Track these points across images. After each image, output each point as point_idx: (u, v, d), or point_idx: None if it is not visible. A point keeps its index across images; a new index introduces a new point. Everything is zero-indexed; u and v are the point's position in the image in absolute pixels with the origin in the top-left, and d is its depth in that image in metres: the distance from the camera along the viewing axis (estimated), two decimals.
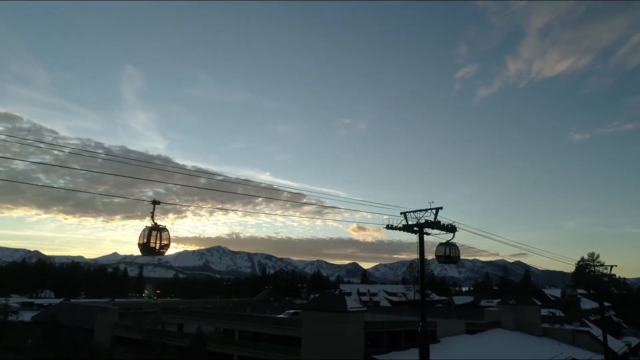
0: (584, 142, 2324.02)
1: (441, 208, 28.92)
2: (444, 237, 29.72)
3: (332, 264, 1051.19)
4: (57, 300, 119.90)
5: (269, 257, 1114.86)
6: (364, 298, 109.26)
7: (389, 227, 30.04)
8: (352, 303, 34.44)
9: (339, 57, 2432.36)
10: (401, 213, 30.28)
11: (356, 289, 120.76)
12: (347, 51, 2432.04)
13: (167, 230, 16.68)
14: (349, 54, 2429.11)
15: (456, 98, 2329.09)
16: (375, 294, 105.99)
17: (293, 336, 37.03)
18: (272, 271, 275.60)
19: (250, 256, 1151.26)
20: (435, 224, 28.82)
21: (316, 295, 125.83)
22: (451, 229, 29.72)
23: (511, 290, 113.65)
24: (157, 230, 16.45)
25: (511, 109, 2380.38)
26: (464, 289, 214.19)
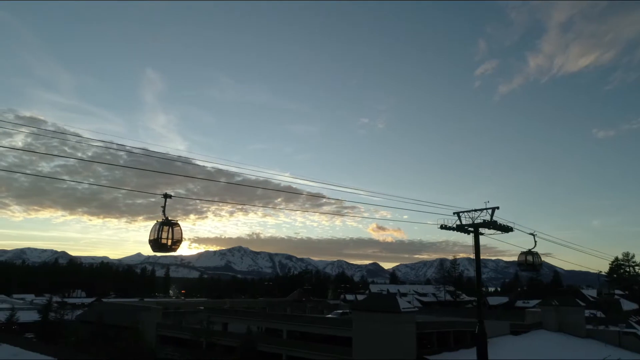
0: (609, 138, 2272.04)
1: (497, 208, 28.85)
2: (498, 237, 29.71)
3: (352, 264, 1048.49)
4: (89, 300, 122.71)
5: (289, 257, 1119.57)
6: None
7: (443, 227, 30.10)
8: (404, 303, 34.52)
9: (357, 56, 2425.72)
10: (454, 213, 30.29)
11: (386, 289, 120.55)
12: (365, 50, 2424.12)
13: (179, 226, 15.87)
14: (366, 53, 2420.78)
15: (476, 95, 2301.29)
16: (405, 294, 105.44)
17: (343, 336, 37.25)
18: (293, 272, 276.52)
19: (271, 256, 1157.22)
20: (492, 224, 28.73)
21: (345, 295, 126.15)
22: (508, 229, 29.61)
23: (542, 291, 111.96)
24: (168, 225, 15.62)
25: (533, 105, 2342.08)
26: (490, 289, 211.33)
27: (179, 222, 16.17)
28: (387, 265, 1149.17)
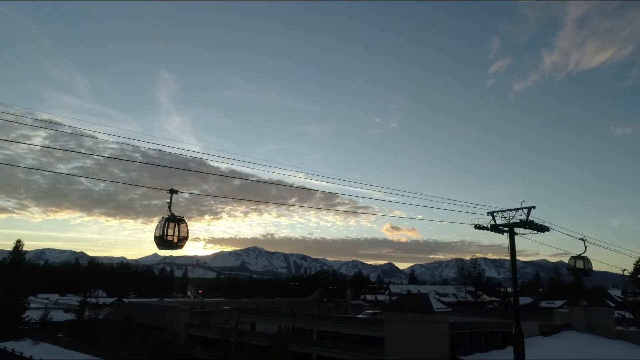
0: (627, 136, 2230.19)
1: (534, 207, 28.69)
2: (531, 236, 29.50)
3: (367, 264, 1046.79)
4: (110, 300, 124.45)
5: (304, 257, 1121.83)
6: None
7: (477, 227, 29.98)
8: (437, 303, 34.44)
9: (368, 55, 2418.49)
10: (488, 213, 30.16)
11: (406, 289, 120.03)
12: (376, 49, 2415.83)
13: (185, 223, 15.43)
14: (377, 52, 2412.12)
15: (490, 93, 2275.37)
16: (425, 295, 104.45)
17: (374, 336, 37.31)
18: (309, 272, 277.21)
19: (285, 257, 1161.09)
20: (528, 224, 28.56)
21: (365, 296, 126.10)
22: (544, 229, 29.40)
23: (564, 291, 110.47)
24: (174, 222, 15.20)
25: (549, 103, 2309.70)
26: (509, 289, 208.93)
27: (186, 219, 15.78)
28: (402, 266, 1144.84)
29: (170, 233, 15.22)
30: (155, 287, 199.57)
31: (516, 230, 29.40)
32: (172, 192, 15.22)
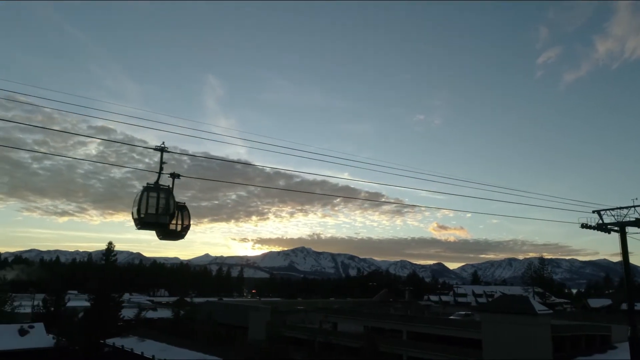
0: None
1: None
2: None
3: (416, 264, 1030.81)
4: (173, 299, 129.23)
5: (351, 257, 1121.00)
6: (480, 299, 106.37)
7: (584, 226, 29.42)
8: (538, 305, 33.92)
9: (409, 51, 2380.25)
10: (594, 211, 29.47)
11: (471, 289, 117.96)
12: (417, 44, 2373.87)
13: (187, 209, 13.62)
14: (419, 47, 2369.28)
15: (539, 85, 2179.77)
16: (491, 296, 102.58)
17: (467, 338, 37.11)
18: (362, 272, 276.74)
19: (333, 257, 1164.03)
20: None
21: (429, 297, 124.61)
22: None
23: None
24: (177, 209, 13.28)
25: (603, 93, 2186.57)
26: (573, 290, 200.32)
27: (185, 203, 13.75)
28: (452, 266, 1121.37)
29: (174, 221, 13.02)
30: (212, 287, 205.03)
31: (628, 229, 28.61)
32: (174, 176, 12.70)
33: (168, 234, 13.33)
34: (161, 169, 12.37)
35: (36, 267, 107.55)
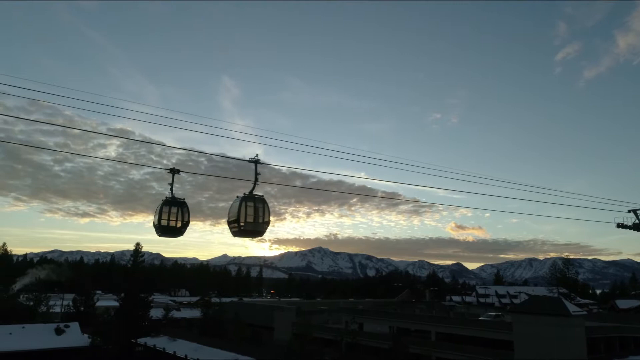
0: None
1: None
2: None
3: (434, 264, 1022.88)
4: (195, 299, 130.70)
5: (369, 257, 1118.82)
6: (504, 300, 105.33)
7: (620, 225, 29.09)
8: (571, 306, 33.54)
9: (425, 49, 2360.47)
10: (630, 210, 29.11)
11: (494, 290, 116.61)
12: (433, 42, 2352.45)
13: (187, 206, 13.97)
14: (435, 45, 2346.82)
15: (557, 82, 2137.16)
16: (515, 296, 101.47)
17: (497, 339, 36.87)
18: (373, 272, 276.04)
19: (350, 257, 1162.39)
20: None
21: (451, 297, 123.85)
22: None
23: None
24: (177, 205, 13.70)
25: (625, 89, 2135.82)
26: (597, 291, 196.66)
27: (185, 200, 14.30)
28: (470, 266, 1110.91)
29: (173, 218, 13.69)
30: (232, 287, 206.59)
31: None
32: (174, 172, 13.44)
33: (168, 230, 13.71)
34: (256, 179, 12.83)
35: (65, 268, 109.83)
